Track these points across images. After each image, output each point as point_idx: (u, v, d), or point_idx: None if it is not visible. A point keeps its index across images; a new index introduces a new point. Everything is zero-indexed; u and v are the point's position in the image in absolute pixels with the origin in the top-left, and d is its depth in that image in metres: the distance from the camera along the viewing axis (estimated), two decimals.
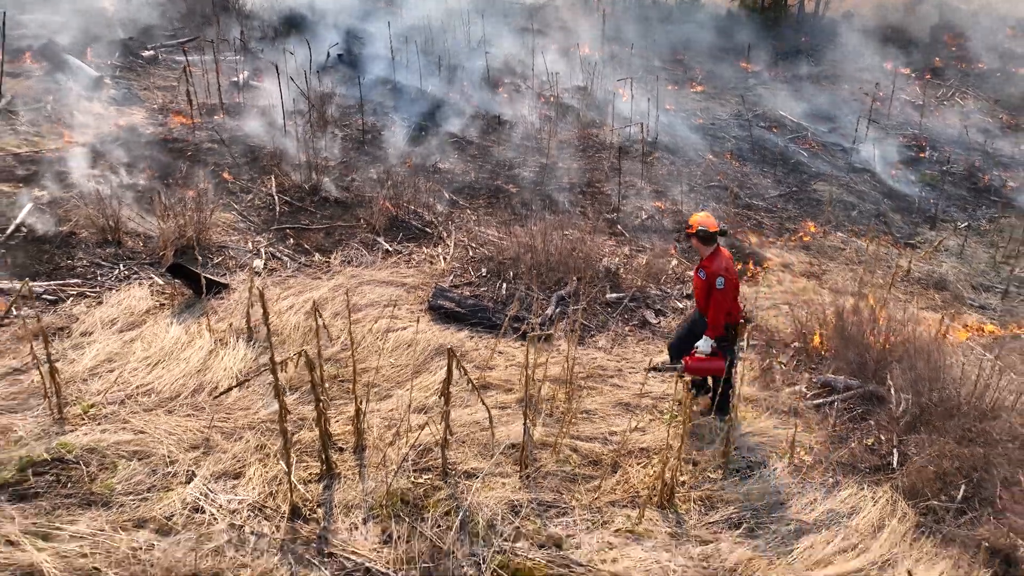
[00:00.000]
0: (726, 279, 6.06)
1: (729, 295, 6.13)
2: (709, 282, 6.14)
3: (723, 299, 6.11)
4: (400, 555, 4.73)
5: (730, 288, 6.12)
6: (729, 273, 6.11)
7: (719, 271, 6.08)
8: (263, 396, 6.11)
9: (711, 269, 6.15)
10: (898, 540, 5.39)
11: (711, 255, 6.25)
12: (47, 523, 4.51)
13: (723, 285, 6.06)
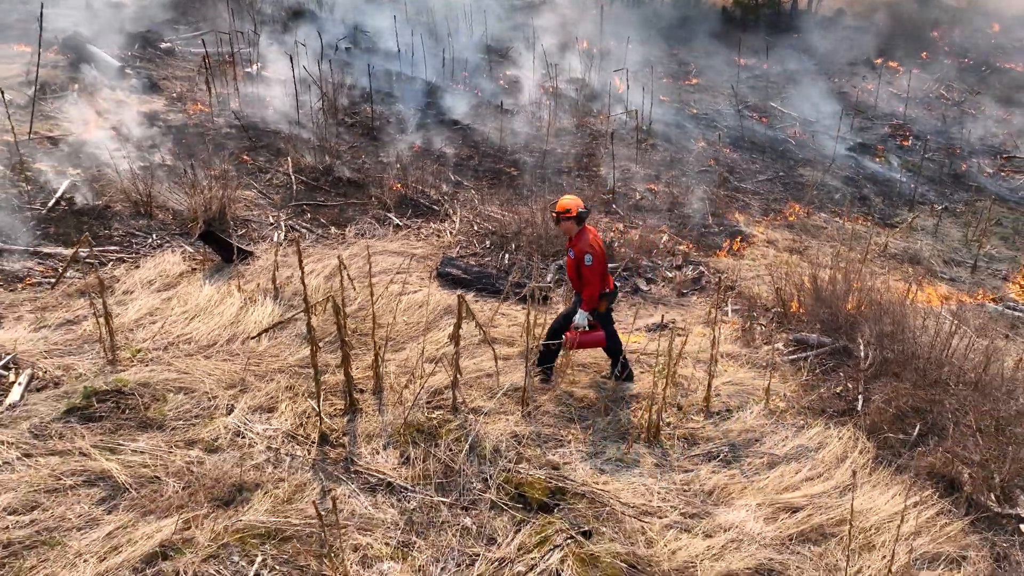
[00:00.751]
0: (593, 255, 6.42)
1: (597, 270, 6.47)
2: (578, 259, 6.48)
3: (592, 274, 6.46)
4: (417, 473, 5.40)
5: (597, 263, 6.45)
6: (595, 249, 6.46)
7: (586, 248, 6.43)
8: (290, 345, 6.78)
9: (579, 247, 6.48)
10: (858, 469, 6.06)
11: (578, 234, 6.57)
12: (112, 440, 5.18)
13: (591, 261, 6.42)
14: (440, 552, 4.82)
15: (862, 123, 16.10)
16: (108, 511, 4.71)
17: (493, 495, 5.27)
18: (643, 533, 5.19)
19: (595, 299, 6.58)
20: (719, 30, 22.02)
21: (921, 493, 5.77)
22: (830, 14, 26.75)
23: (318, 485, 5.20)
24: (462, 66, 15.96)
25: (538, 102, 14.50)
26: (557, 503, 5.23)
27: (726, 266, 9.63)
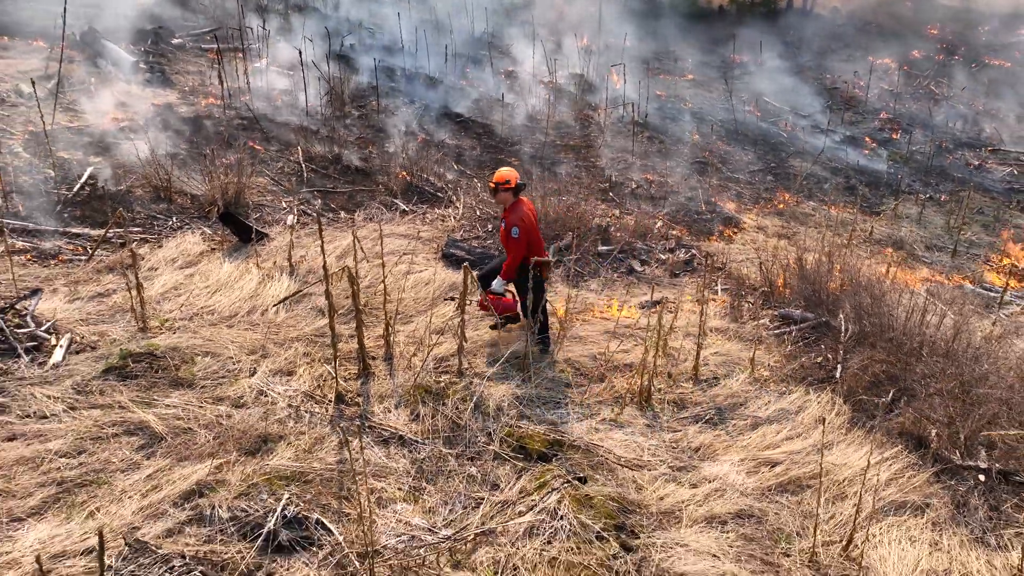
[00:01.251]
0: (520, 228, 6.69)
1: (523, 242, 6.74)
2: (507, 230, 6.79)
3: (517, 246, 6.75)
4: (426, 428, 5.88)
5: (523, 235, 6.72)
6: (524, 223, 6.72)
7: (515, 221, 6.71)
8: (306, 317, 7.26)
9: (510, 220, 6.76)
10: (834, 430, 6.53)
11: (513, 205, 6.83)
12: (147, 396, 5.66)
13: (517, 234, 6.70)
14: (448, 496, 5.29)
15: (853, 117, 16.58)
16: (147, 456, 5.19)
17: (496, 447, 5.74)
18: (634, 482, 5.67)
19: (513, 270, 6.86)
20: (715, 28, 22.48)
21: (891, 449, 6.25)
22: (825, 12, 27.22)
23: (336, 438, 5.68)
24: (464, 61, 16.44)
25: (538, 96, 14.97)
26: (555, 454, 5.71)
27: (717, 250, 10.10)
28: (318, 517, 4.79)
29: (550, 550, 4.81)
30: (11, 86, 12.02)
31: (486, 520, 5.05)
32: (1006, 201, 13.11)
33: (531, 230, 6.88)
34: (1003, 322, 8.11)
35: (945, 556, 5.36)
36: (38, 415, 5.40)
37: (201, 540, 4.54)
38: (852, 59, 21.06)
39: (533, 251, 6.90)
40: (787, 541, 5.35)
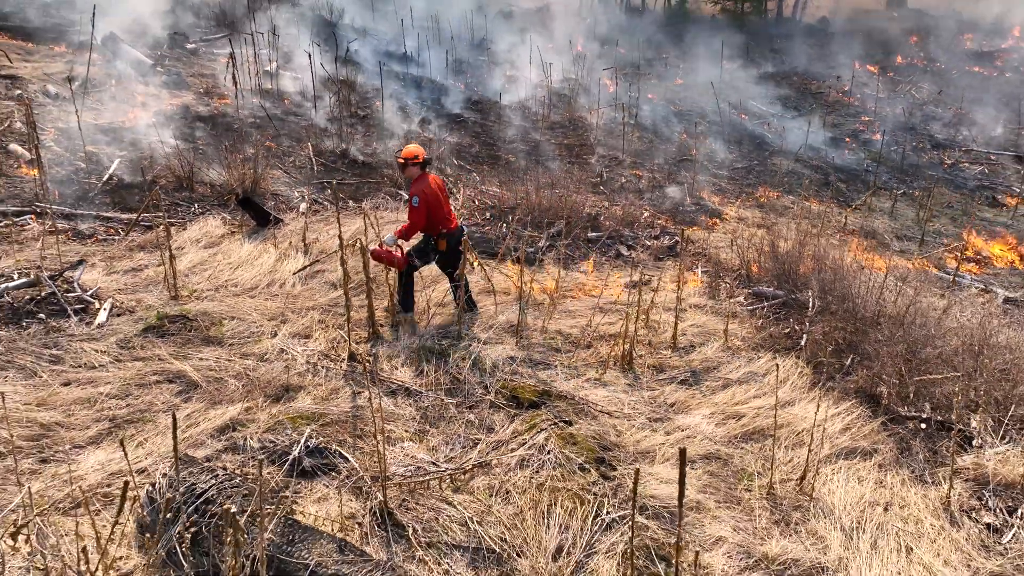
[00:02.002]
0: (420, 198, 7.24)
1: (422, 211, 7.29)
2: (410, 199, 7.38)
3: (416, 217, 7.32)
4: (430, 382, 6.60)
5: (422, 205, 7.26)
6: (424, 194, 7.26)
7: (416, 192, 7.27)
8: (320, 290, 7.99)
9: (413, 190, 7.33)
10: (796, 389, 7.26)
11: (419, 178, 7.40)
12: (182, 351, 6.39)
13: (417, 203, 7.26)
14: (449, 437, 6.01)
15: (836, 120, 17.37)
16: (185, 400, 5.91)
17: (491, 397, 6.47)
18: (614, 428, 6.39)
19: (409, 233, 7.47)
20: (706, 35, 23.30)
21: (846, 404, 6.98)
22: (813, 21, 28.11)
23: (349, 389, 6.40)
24: (464, 66, 17.23)
25: (534, 98, 15.75)
26: (544, 402, 6.43)
27: (699, 237, 10.84)
28: (336, 448, 5.51)
29: (538, 477, 5.53)
30: (39, 87, 12.80)
31: (483, 455, 5.77)
32: (975, 197, 13.87)
33: (432, 202, 7.38)
34: (952, 298, 8.84)
35: (887, 491, 6.07)
36: (88, 365, 6.13)
37: (236, 465, 5.25)
38: (837, 66, 21.88)
39: (436, 222, 7.47)
40: (748, 479, 6.06)
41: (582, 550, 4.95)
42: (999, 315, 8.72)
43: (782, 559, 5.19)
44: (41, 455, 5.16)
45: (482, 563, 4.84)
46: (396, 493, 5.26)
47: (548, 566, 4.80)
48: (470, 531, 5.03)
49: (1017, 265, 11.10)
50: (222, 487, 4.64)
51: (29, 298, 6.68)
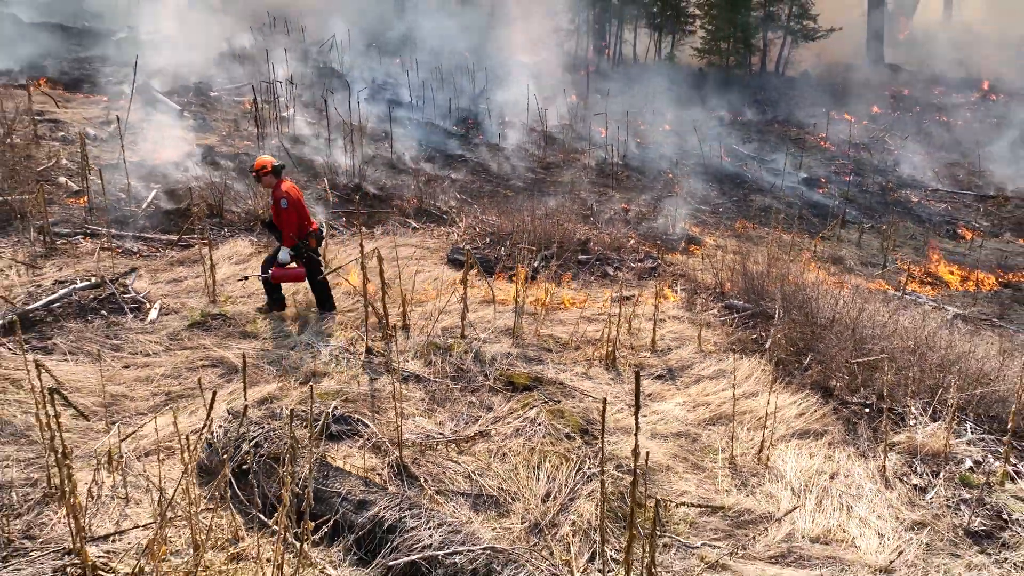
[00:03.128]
0: (288, 200, 7.76)
1: (293, 213, 7.80)
2: (276, 203, 7.84)
3: (289, 216, 7.81)
4: (437, 370, 7.59)
5: (292, 207, 7.77)
6: (290, 196, 7.79)
7: (281, 195, 7.79)
8: (338, 300, 9.02)
9: (276, 195, 7.84)
10: (760, 383, 8.22)
11: (276, 185, 7.93)
12: (224, 343, 7.39)
13: (286, 204, 7.76)
14: (453, 414, 6.96)
15: (811, 162, 18.64)
16: (227, 381, 6.89)
17: (491, 383, 7.44)
18: (597, 410, 7.34)
19: (294, 238, 7.92)
20: (693, 86, 24.85)
21: (801, 394, 7.94)
22: (796, 75, 29.78)
23: (367, 376, 7.38)
24: (465, 112, 18.59)
25: (531, 140, 17.05)
26: (536, 387, 7.41)
27: (680, 261, 11.93)
28: (358, 417, 6.48)
29: (530, 443, 6.47)
30: (79, 129, 14.05)
31: (483, 427, 6.73)
32: (937, 230, 15.02)
33: (296, 203, 7.92)
34: (900, 309, 9.86)
35: (834, 464, 7.00)
36: (144, 352, 7.12)
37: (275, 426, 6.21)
38: (816, 114, 23.35)
39: (303, 222, 8.05)
40: (713, 453, 7.00)
41: (567, 495, 5.88)
42: (945, 325, 9.74)
43: (736, 508, 6.11)
44: (112, 419, 6.12)
45: (482, 506, 5.76)
46: (409, 453, 6.20)
47: (538, 507, 5.72)
48: (473, 482, 5.96)
49: (970, 289, 12.16)
50: (267, 436, 5.61)
51: (92, 297, 7.72)
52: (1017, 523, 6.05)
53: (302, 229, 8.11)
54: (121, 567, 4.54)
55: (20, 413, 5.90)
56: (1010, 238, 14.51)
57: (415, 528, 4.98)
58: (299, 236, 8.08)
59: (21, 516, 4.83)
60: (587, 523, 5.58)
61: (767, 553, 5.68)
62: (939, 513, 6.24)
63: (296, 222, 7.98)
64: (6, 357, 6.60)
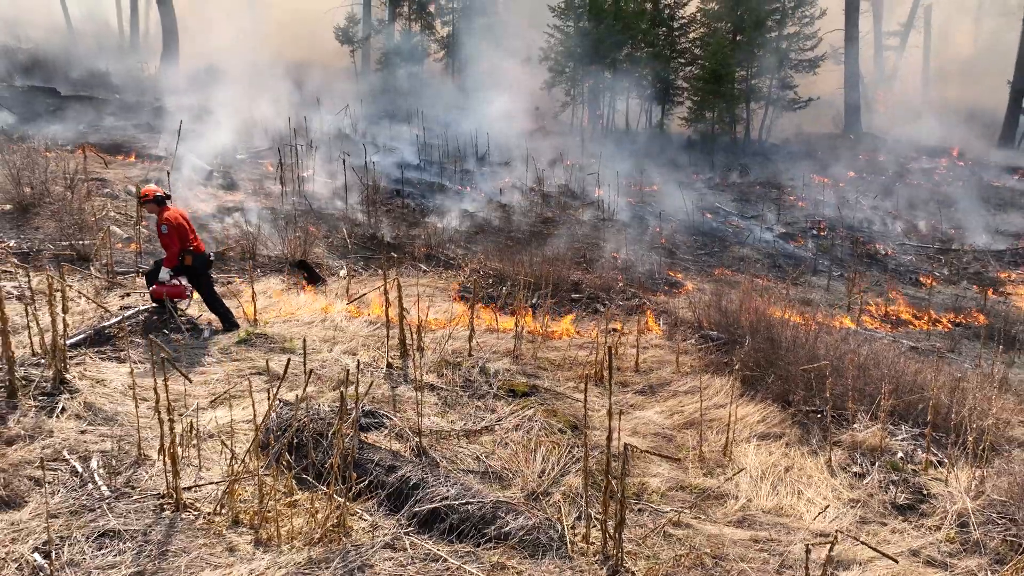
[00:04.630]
0: (168, 226, 8.53)
1: (174, 237, 8.56)
2: (159, 228, 8.62)
3: (170, 240, 8.58)
4: (448, 381, 8.83)
5: (172, 231, 8.54)
6: (171, 222, 8.56)
7: (163, 220, 8.58)
8: (360, 327, 10.32)
9: (160, 220, 8.62)
10: (727, 396, 9.44)
11: (160, 212, 8.73)
12: (267, 356, 8.66)
13: (167, 230, 8.52)
14: (463, 415, 8.18)
15: (789, 219, 20.19)
16: (271, 386, 8.13)
17: (494, 391, 8.67)
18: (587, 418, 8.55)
19: (174, 259, 8.65)
20: (681, 151, 26.70)
21: (762, 403, 9.16)
22: (778, 143, 31.77)
23: (389, 385, 8.62)
24: (469, 174, 20.25)
25: (531, 199, 18.62)
26: (534, 393, 8.64)
27: (663, 301, 13.27)
28: (384, 413, 7.70)
29: (528, 436, 7.68)
30: (122, 187, 15.61)
31: (488, 424, 7.94)
32: (901, 279, 16.41)
33: (178, 227, 8.70)
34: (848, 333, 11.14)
35: (789, 459, 8.17)
36: (199, 363, 8.39)
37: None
38: (795, 178, 25.09)
39: (184, 243, 8.79)
40: (685, 449, 8.19)
41: (558, 472, 7.06)
42: (892, 350, 10.99)
43: (701, 487, 7.28)
44: (178, 412, 7.34)
45: (488, 480, 6.93)
46: (427, 441, 7.40)
47: (535, 480, 6.90)
48: (480, 462, 7.15)
49: (925, 327, 13.46)
50: (312, 418, 6.83)
51: (155, 319, 9.02)
52: (934, 497, 7.21)
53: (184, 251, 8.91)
54: (204, 508, 5.73)
55: (108, 403, 7.14)
56: (967, 285, 15.89)
57: (435, 486, 6.16)
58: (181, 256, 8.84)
59: (121, 473, 6.03)
60: (575, 492, 6.75)
61: (725, 519, 6.83)
62: (873, 492, 7.40)
63: (176, 246, 8.77)
64: (90, 363, 7.87)
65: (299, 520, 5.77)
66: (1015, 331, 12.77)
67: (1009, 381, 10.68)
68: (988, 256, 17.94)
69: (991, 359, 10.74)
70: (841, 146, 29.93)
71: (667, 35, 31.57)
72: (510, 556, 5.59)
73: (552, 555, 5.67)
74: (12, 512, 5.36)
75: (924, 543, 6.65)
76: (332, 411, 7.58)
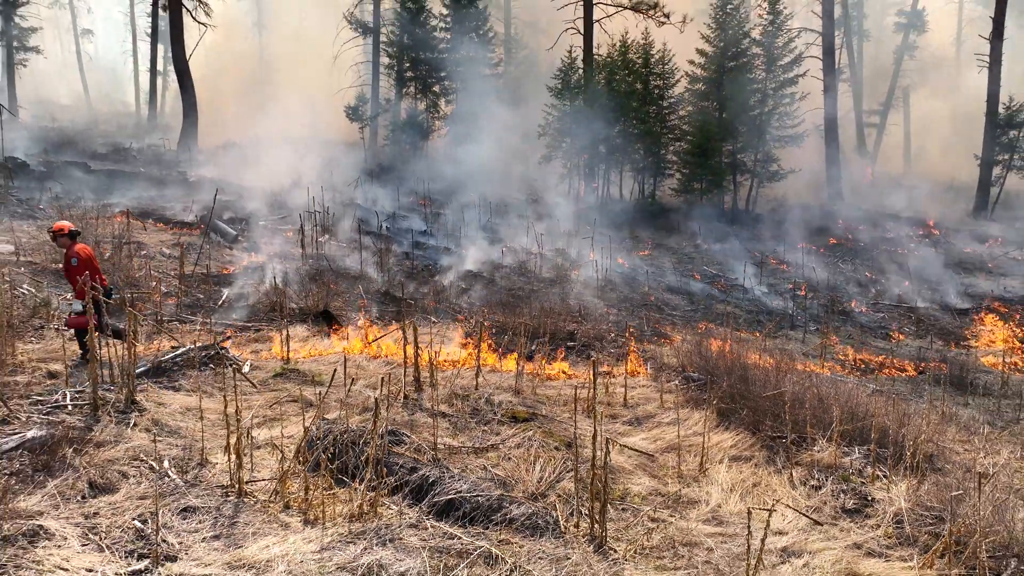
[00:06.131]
0: (78, 259, 9.07)
1: (81, 268, 9.02)
2: (67, 260, 9.08)
3: (78, 271, 9.00)
4: (457, 410, 10.08)
5: (80, 264, 9.05)
6: (80, 256, 9.10)
7: (73, 254, 9.15)
8: (379, 367, 11.62)
9: (70, 253, 9.15)
10: (704, 426, 10.66)
11: (70, 246, 9.26)
12: (299, 387, 9.94)
13: (76, 262, 9.03)
14: (471, 437, 9.40)
15: (772, 281, 21.66)
16: (305, 411, 9.38)
17: (499, 418, 9.92)
18: (579, 438, 9.77)
19: (83, 292, 8.75)
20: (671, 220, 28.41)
21: (736, 431, 10.37)
22: (764, 212, 33.58)
23: (406, 412, 9.87)
24: (473, 239, 21.84)
25: (530, 262, 20.13)
26: (533, 419, 9.88)
27: (651, 349, 14.58)
28: (404, 432, 8.93)
29: (529, 451, 8.89)
30: (157, 250, 17.13)
31: (494, 443, 9.16)
32: (873, 334, 17.76)
33: (86, 261, 9.28)
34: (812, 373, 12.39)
35: (757, 477, 9.35)
36: (243, 392, 9.66)
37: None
38: (779, 244, 26.72)
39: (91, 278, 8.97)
40: (665, 468, 9.38)
41: (554, 478, 8.26)
42: (862, 393, 12.25)
43: (677, 494, 8.45)
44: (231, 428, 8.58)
45: (494, 484, 8.12)
46: (440, 455, 8.62)
47: (534, 485, 8.09)
48: (487, 471, 8.35)
49: (893, 374, 14.73)
50: (346, 431, 8.08)
51: (204, 356, 10.34)
52: (877, 502, 8.38)
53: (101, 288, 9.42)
54: (261, 496, 6.94)
55: (170, 420, 8.40)
56: (932, 339, 17.22)
57: (450, 482, 7.38)
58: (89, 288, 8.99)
59: (189, 471, 7.26)
60: (568, 493, 7.94)
61: (698, 518, 8.00)
62: (826, 500, 8.56)
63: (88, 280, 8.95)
64: (151, 390, 9.15)
65: (339, 507, 6.97)
66: (971, 377, 14.04)
67: (958, 416, 11.92)
68: (954, 314, 19.34)
69: (942, 399, 11.98)
70: (823, 215, 31.72)
71: (657, 113, 33.80)
72: (513, 535, 6.78)
73: (548, 535, 6.86)
74: (109, 496, 6.58)
75: (866, 538, 7.80)
76: (361, 429, 8.83)
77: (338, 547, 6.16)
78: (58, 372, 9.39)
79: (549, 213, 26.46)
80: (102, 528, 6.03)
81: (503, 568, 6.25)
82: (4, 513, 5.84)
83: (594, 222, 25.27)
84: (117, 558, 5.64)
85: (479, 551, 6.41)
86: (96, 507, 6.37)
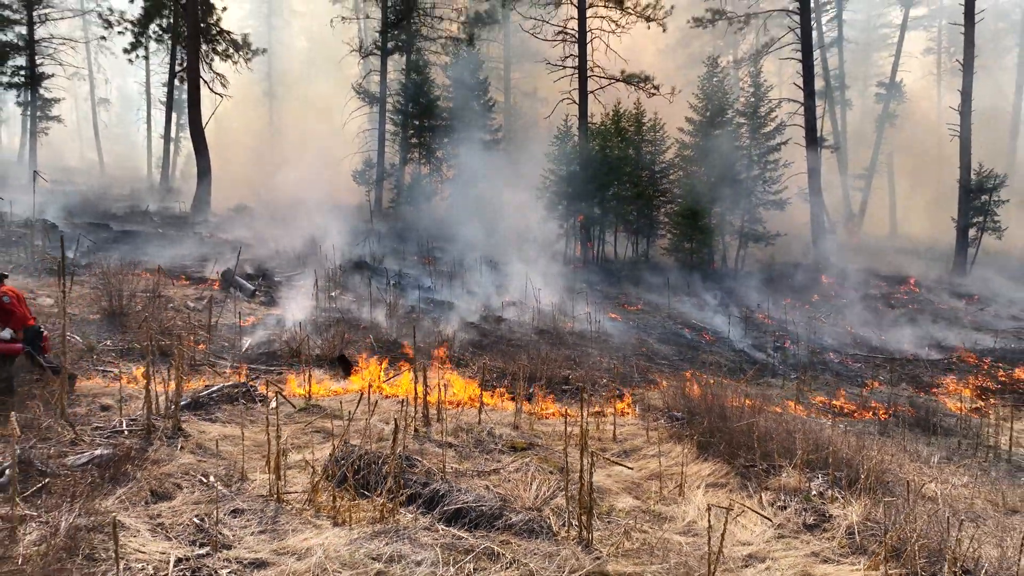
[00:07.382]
0: (9, 296, 9.94)
1: (14, 304, 9.97)
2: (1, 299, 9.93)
3: (12, 309, 9.93)
4: (462, 440, 11.24)
5: (12, 302, 9.95)
6: (10, 295, 9.99)
7: (4, 293, 9.96)
8: (390, 406, 12.80)
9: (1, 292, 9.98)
10: (686, 457, 11.80)
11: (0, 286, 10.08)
12: (321, 421, 11.13)
13: (8, 300, 9.90)
14: (475, 463, 10.55)
15: (756, 334, 22.95)
16: (325, 440, 10.55)
17: (500, 448, 11.07)
18: (571, 465, 10.90)
19: (14, 324, 9.99)
20: (662, 277, 29.84)
21: (714, 461, 11.50)
22: (751, 270, 35.10)
23: (417, 443, 11.03)
24: (474, 294, 23.20)
25: (528, 314, 21.44)
26: (530, 448, 11.03)
27: (640, 393, 15.77)
28: (416, 458, 10.09)
29: (527, 475, 10.03)
30: (182, 303, 18.46)
31: (495, 468, 10.31)
32: (850, 381, 18.95)
33: (16, 300, 10.16)
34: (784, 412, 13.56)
35: (730, 500, 10.46)
36: (272, 424, 10.84)
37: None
38: (765, 299, 28.09)
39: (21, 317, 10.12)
40: (648, 492, 10.50)
41: (548, 496, 9.39)
42: (823, 426, 13.40)
43: (657, 511, 9.57)
44: (262, 458, 9.75)
45: (495, 501, 9.25)
46: (448, 477, 9.76)
47: (530, 501, 9.23)
48: (489, 490, 9.49)
49: (866, 416, 15.88)
50: (366, 454, 9.26)
51: (236, 392, 11.54)
52: (833, 518, 9.50)
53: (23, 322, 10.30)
54: (295, 504, 8.09)
55: (211, 445, 9.58)
56: (905, 386, 18.41)
57: (458, 495, 8.53)
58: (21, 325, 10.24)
59: (232, 485, 8.42)
60: (560, 508, 9.07)
61: (674, 530, 9.11)
62: (790, 518, 9.67)
63: (18, 313, 10.20)
64: (192, 420, 10.35)
65: (362, 513, 8.11)
66: (935, 420, 15.22)
67: (919, 452, 13.05)
68: (926, 364, 20.58)
69: (903, 436, 13.15)
70: (808, 273, 33.22)
71: (649, 177, 35.68)
72: (512, 537, 7.91)
73: (543, 537, 7.99)
74: (168, 502, 7.74)
75: (822, 548, 8.90)
76: (379, 452, 10.01)
77: (364, 541, 7.29)
78: (109, 405, 10.61)
79: (546, 270, 27.92)
80: (167, 524, 7.19)
81: (503, 561, 7.37)
82: (88, 510, 7.01)
83: (588, 281, 26.69)
84: (183, 545, 6.79)
85: (482, 548, 7.54)
86: (159, 510, 7.53)
